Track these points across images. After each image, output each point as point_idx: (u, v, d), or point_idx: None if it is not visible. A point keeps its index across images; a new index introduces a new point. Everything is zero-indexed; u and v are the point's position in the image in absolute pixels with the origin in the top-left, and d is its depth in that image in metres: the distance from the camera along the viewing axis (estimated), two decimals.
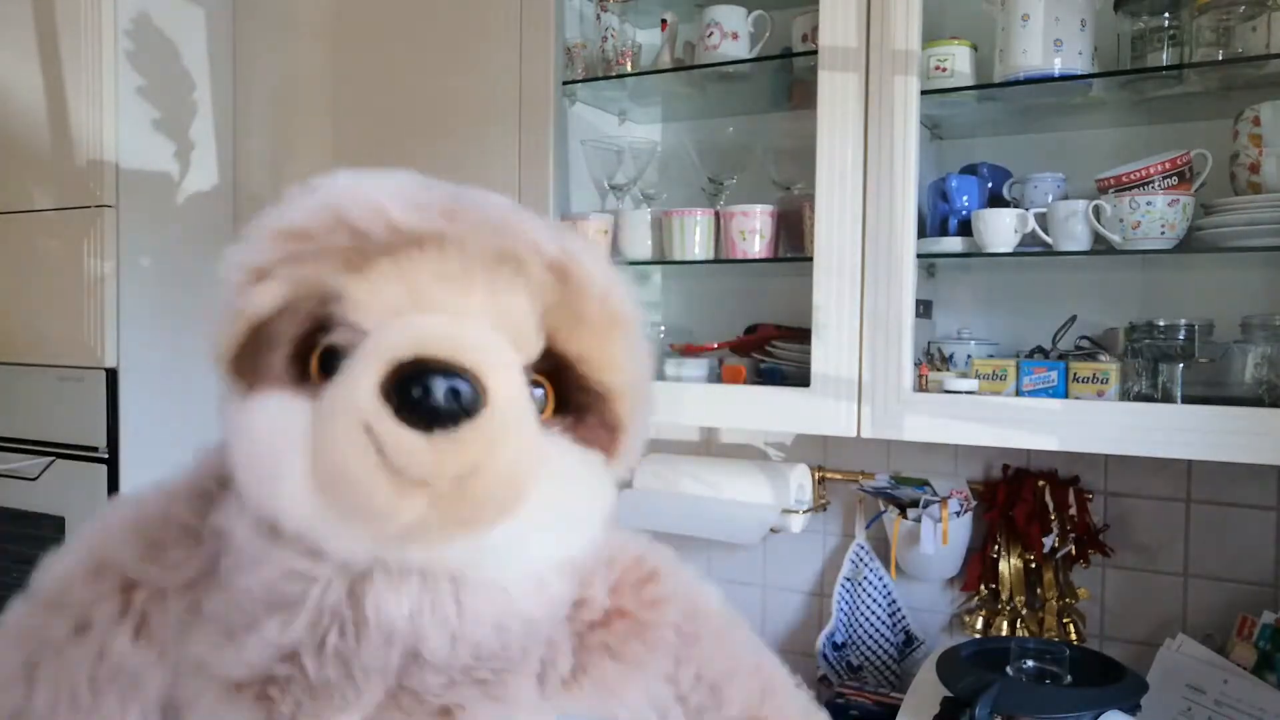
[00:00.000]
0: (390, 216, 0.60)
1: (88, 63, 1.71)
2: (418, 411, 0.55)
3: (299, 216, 0.62)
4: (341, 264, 0.60)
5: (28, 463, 1.78)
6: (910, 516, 1.49)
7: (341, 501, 0.58)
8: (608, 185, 1.66)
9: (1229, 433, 1.15)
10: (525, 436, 0.60)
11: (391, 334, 0.57)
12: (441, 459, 0.55)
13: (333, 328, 0.60)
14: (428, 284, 0.59)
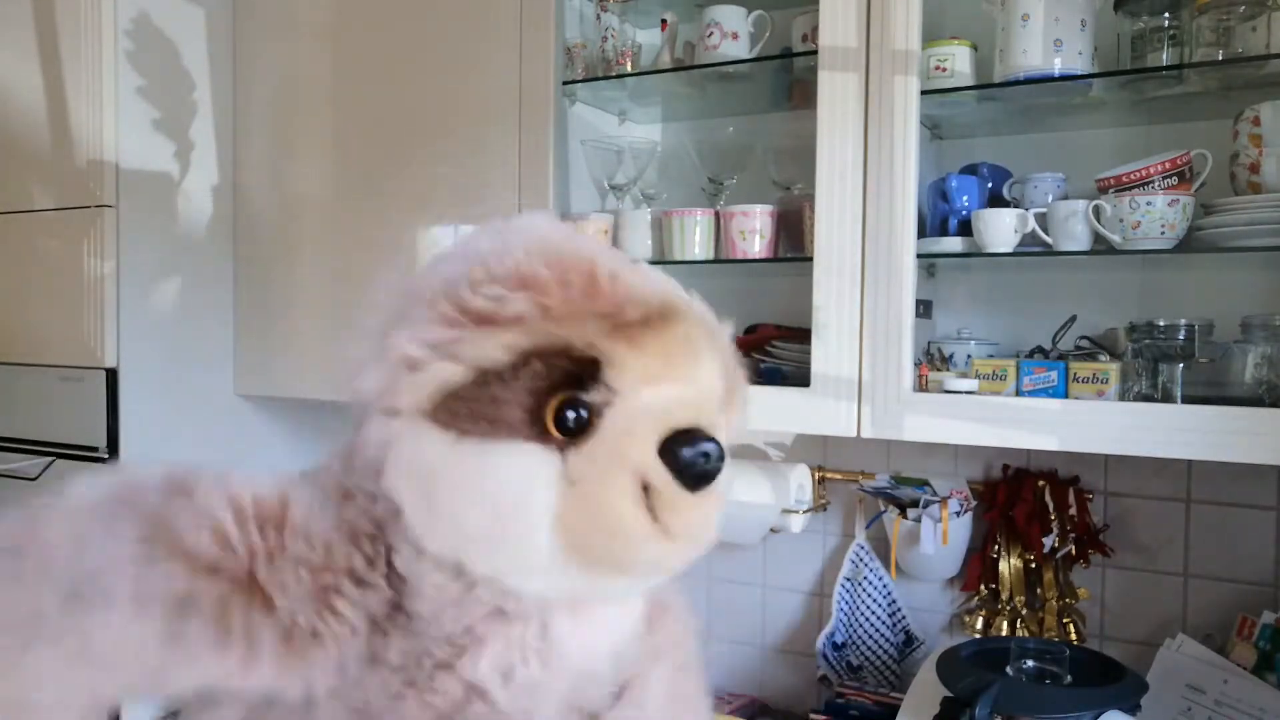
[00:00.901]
0: (631, 287, 0.64)
1: (88, 63, 1.71)
2: (693, 475, 0.61)
3: (539, 269, 0.63)
4: (606, 329, 0.62)
5: (28, 463, 1.78)
6: (910, 516, 1.49)
7: (602, 555, 0.62)
8: (608, 185, 1.66)
9: (1229, 433, 1.15)
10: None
11: (663, 401, 0.63)
12: (702, 517, 0.62)
13: (586, 385, 0.62)
14: (678, 356, 0.64)
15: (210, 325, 1.88)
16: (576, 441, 0.61)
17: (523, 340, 0.61)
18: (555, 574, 0.62)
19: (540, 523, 0.60)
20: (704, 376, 0.66)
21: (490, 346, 0.61)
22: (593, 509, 0.60)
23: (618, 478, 0.60)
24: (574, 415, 0.61)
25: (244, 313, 1.91)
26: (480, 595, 0.64)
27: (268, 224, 1.88)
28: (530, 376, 0.61)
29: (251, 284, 1.90)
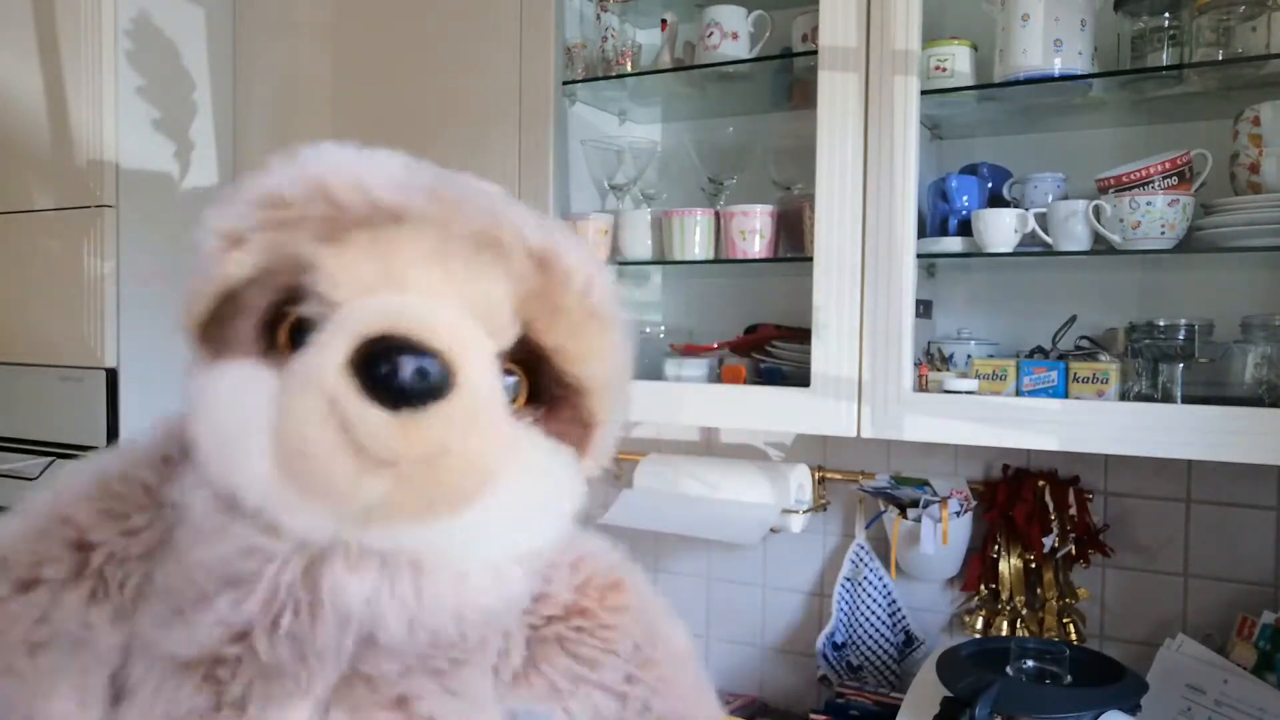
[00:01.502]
0: (371, 191, 0.59)
1: (88, 63, 1.71)
2: (385, 389, 0.54)
3: (278, 183, 0.62)
4: (318, 234, 0.59)
5: (28, 463, 1.78)
6: (910, 516, 1.49)
7: (302, 476, 0.56)
8: (608, 185, 1.66)
9: (1229, 433, 1.15)
10: (495, 423, 0.59)
11: (361, 309, 0.56)
12: (407, 439, 0.54)
13: (304, 299, 0.59)
14: (403, 262, 0.58)
15: None
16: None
17: (255, 256, 0.59)
18: (287, 503, 0.58)
19: (252, 441, 0.56)
20: (452, 290, 0.58)
21: (227, 264, 0.60)
22: (286, 430, 0.55)
23: (303, 392, 0.55)
24: (301, 333, 0.58)
25: None
26: (237, 528, 0.60)
27: None
28: (256, 292, 0.60)
29: None
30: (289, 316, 0.60)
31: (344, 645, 0.61)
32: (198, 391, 0.61)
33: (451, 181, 0.64)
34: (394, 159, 0.65)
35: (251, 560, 0.60)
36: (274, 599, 0.60)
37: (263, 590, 0.59)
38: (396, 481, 0.55)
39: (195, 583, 0.61)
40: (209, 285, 0.61)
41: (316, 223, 0.59)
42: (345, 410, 0.54)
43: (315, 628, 0.60)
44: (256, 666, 0.61)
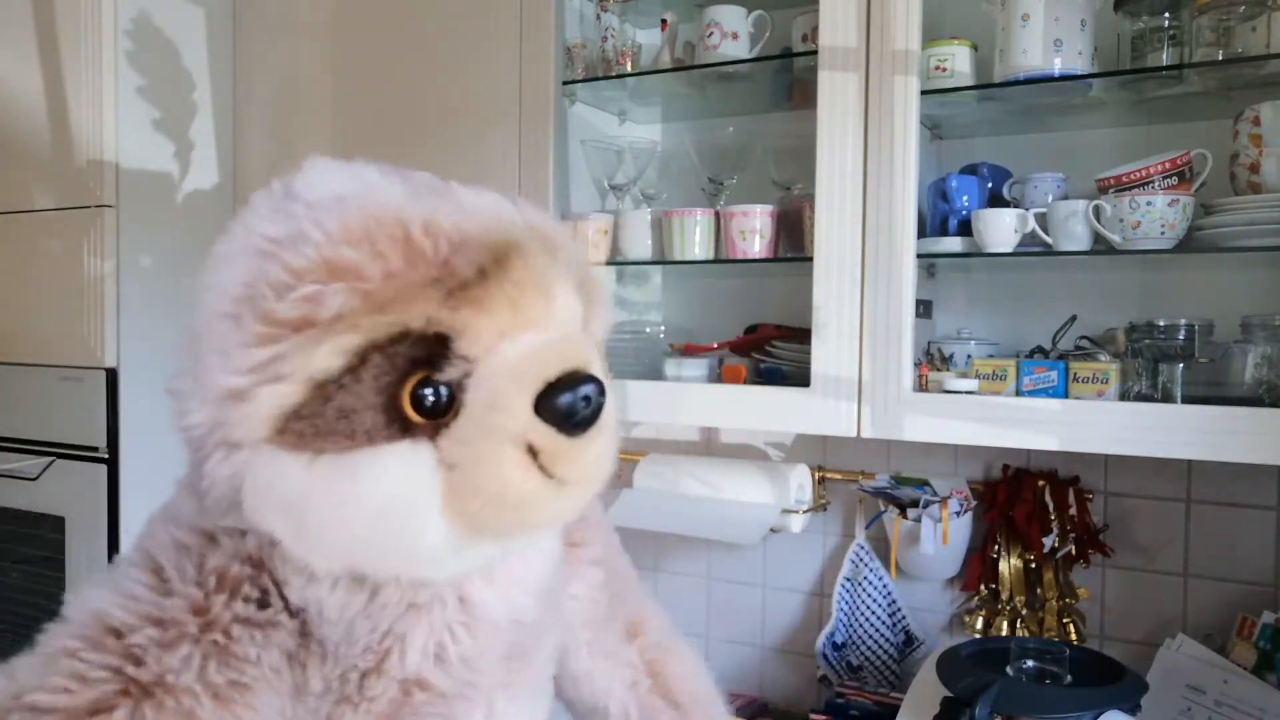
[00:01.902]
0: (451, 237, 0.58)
1: (88, 63, 1.71)
2: (575, 421, 0.59)
3: (343, 249, 0.56)
4: (442, 298, 0.56)
5: (28, 463, 1.78)
6: (910, 516, 1.49)
7: (506, 524, 0.59)
8: (608, 185, 1.66)
9: (1229, 433, 1.15)
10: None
11: (524, 357, 0.58)
12: (594, 457, 0.61)
13: (439, 365, 0.57)
14: (527, 300, 0.59)
15: None
16: (444, 422, 0.57)
17: (353, 338, 0.55)
18: (458, 557, 0.61)
19: (427, 518, 0.57)
20: (560, 308, 0.61)
21: (319, 356, 0.54)
22: (481, 487, 0.57)
23: (498, 450, 0.57)
24: (433, 396, 0.56)
25: None
26: (388, 598, 0.62)
27: None
28: (374, 375, 0.55)
29: None
30: (407, 384, 0.57)
31: (503, 641, 0.68)
32: (310, 489, 0.56)
33: (456, 193, 0.65)
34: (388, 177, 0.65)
35: (414, 615, 0.64)
36: (430, 637, 0.64)
37: (419, 635, 0.64)
38: (579, 496, 0.62)
39: (356, 666, 0.63)
40: (291, 378, 0.55)
41: (426, 289, 0.56)
42: (550, 449, 0.58)
43: (480, 641, 0.66)
44: (440, 699, 0.65)
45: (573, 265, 0.64)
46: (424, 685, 0.64)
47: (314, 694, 0.63)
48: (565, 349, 0.60)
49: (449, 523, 0.57)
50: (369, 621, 0.62)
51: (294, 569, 0.61)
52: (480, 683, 0.66)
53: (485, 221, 0.61)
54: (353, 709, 0.63)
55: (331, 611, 0.61)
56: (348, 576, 0.61)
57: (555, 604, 0.75)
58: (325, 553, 0.59)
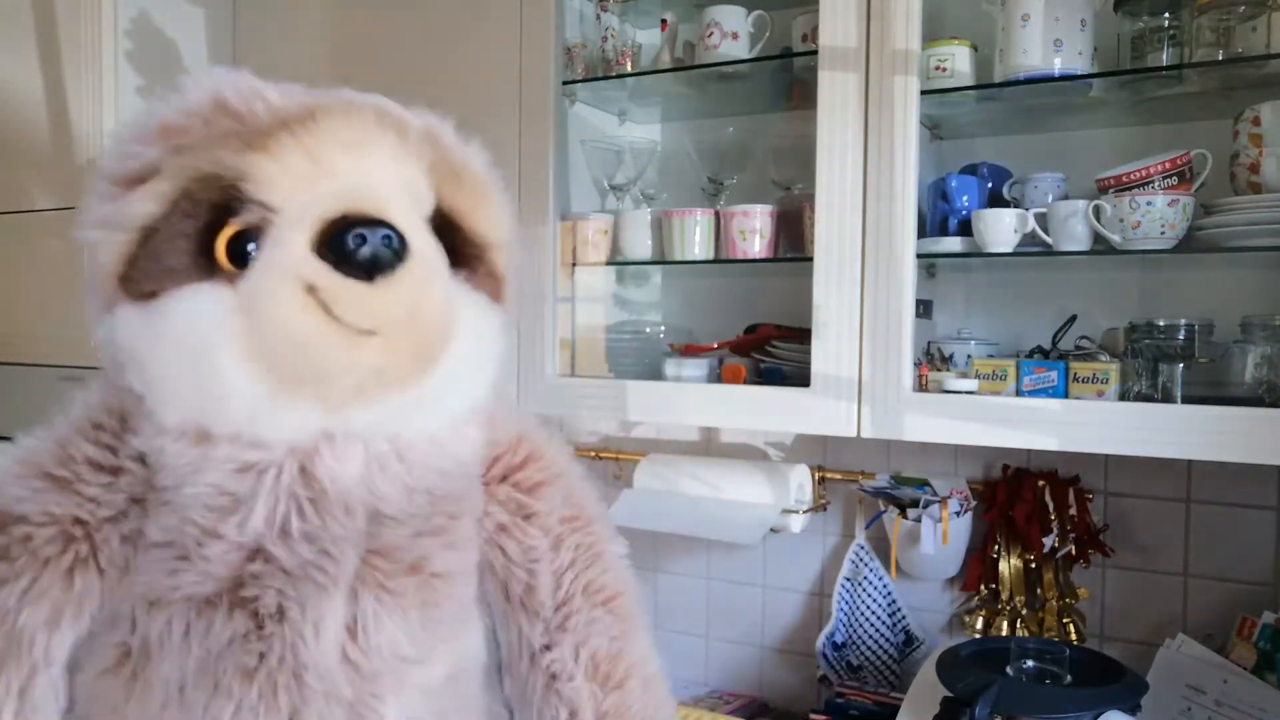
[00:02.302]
0: (269, 98, 0.62)
1: (88, 63, 1.71)
2: (358, 262, 0.57)
3: (173, 114, 0.62)
4: (238, 146, 0.60)
5: None
6: (910, 516, 1.49)
7: (293, 368, 0.59)
8: (608, 185, 1.66)
9: (1229, 433, 1.15)
10: (444, 280, 0.63)
11: (310, 199, 0.59)
12: (387, 305, 0.58)
13: (239, 211, 0.60)
14: (329, 152, 0.61)
15: None
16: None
17: (165, 186, 0.59)
18: (274, 409, 0.60)
19: (224, 357, 0.58)
20: (373, 168, 0.62)
21: (136, 200, 0.60)
22: (262, 324, 0.58)
23: (276, 285, 0.58)
24: (253, 247, 0.59)
25: None
26: (220, 452, 0.62)
27: None
28: (180, 217, 0.60)
29: None
30: (223, 234, 0.60)
31: (356, 527, 0.65)
32: (139, 333, 0.61)
33: (321, 89, 0.67)
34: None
35: (246, 477, 0.62)
36: (275, 507, 0.63)
37: (263, 501, 0.62)
38: (382, 350, 0.59)
39: (193, 521, 0.63)
40: (124, 227, 0.60)
41: (228, 137, 0.60)
42: (326, 290, 0.57)
43: (326, 520, 0.63)
44: (282, 575, 0.63)
45: (429, 152, 0.66)
46: (266, 556, 0.63)
47: (155, 544, 0.64)
48: (353, 193, 0.60)
49: (249, 366, 0.58)
50: (204, 475, 0.63)
51: (148, 420, 0.64)
52: (329, 568, 0.64)
53: (320, 94, 0.65)
54: (190, 565, 0.63)
55: (170, 460, 0.63)
56: (193, 430, 0.62)
57: (447, 516, 0.70)
58: (161, 400, 0.62)
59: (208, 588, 0.63)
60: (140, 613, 0.65)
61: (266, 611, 0.63)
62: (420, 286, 0.60)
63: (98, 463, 0.66)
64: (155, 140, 0.61)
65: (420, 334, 0.61)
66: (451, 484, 0.70)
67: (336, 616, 0.64)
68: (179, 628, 0.63)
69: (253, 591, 0.63)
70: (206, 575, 0.63)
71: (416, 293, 0.60)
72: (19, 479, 0.66)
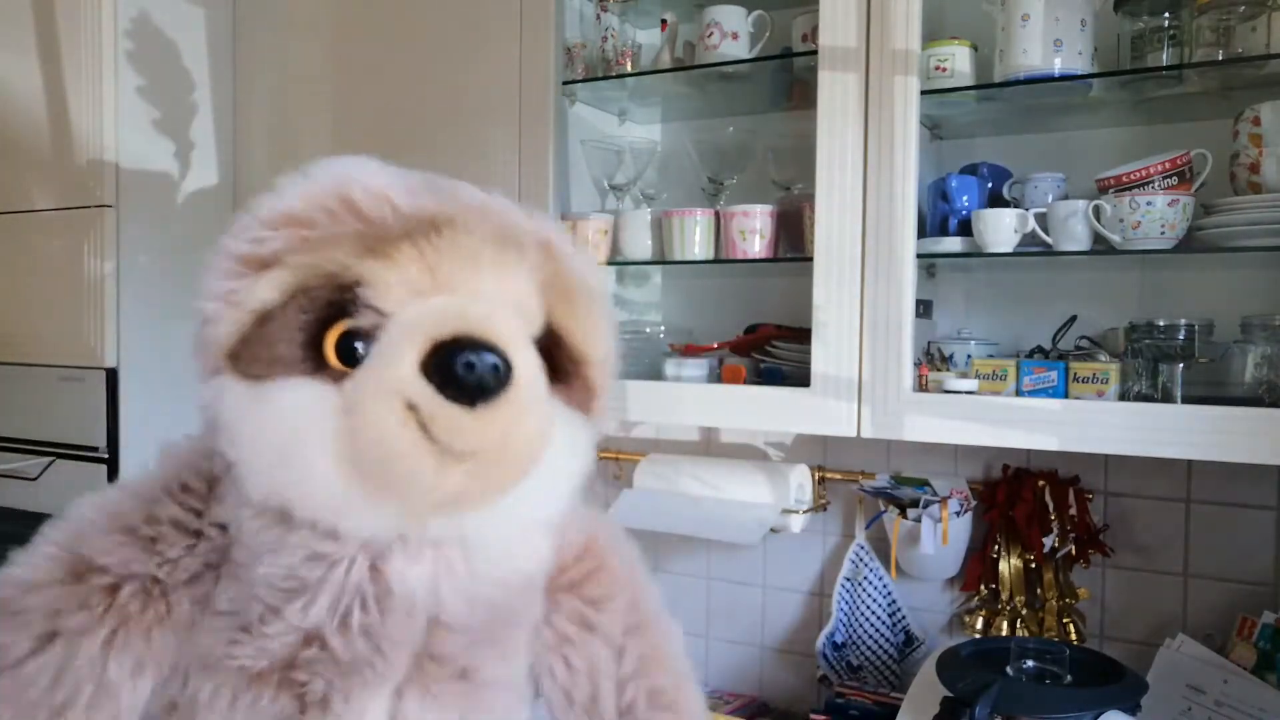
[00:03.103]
0: (396, 202, 0.63)
1: (88, 63, 1.71)
2: (461, 387, 0.58)
3: (301, 204, 0.63)
4: (360, 249, 0.61)
5: (28, 463, 1.78)
6: (910, 516, 1.49)
7: (382, 478, 0.59)
8: (608, 185, 1.66)
9: (1229, 433, 1.15)
10: (543, 404, 0.64)
11: (423, 315, 0.60)
12: (484, 432, 0.59)
13: (352, 312, 0.61)
14: (447, 267, 0.61)
15: None
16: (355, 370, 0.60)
17: (286, 275, 0.61)
18: (356, 508, 0.61)
19: (317, 454, 0.59)
20: (489, 286, 0.63)
21: (259, 287, 0.61)
22: (362, 435, 0.59)
23: (380, 398, 0.58)
24: (360, 346, 0.61)
25: None
26: (296, 538, 0.63)
27: None
28: (297, 310, 0.61)
29: None
30: (333, 331, 0.61)
31: (415, 630, 0.66)
32: (242, 413, 0.62)
33: (442, 184, 0.67)
34: (388, 168, 0.68)
35: (317, 566, 0.63)
36: (340, 598, 0.63)
37: (329, 592, 0.63)
38: (471, 472, 0.60)
39: (259, 598, 0.64)
40: (239, 310, 0.62)
41: (353, 238, 0.61)
42: (426, 410, 0.58)
43: (386, 619, 0.64)
44: (334, 665, 0.64)
45: (544, 267, 0.66)
46: (322, 643, 0.64)
47: (220, 612, 0.66)
48: (467, 312, 0.60)
49: (340, 466, 0.60)
50: (276, 556, 0.64)
51: (235, 491, 0.65)
52: (380, 666, 0.65)
53: (445, 200, 0.64)
54: (249, 639, 0.64)
55: (248, 535, 0.65)
56: (275, 510, 0.64)
57: (505, 627, 0.71)
58: (250, 476, 0.63)
59: (261, 663, 0.64)
60: (194, 672, 0.66)
61: (313, 698, 0.64)
62: (519, 415, 0.60)
63: (182, 525, 0.68)
64: (281, 227, 0.63)
65: (511, 460, 0.62)
66: (514, 597, 0.71)
67: (379, 713, 0.66)
68: (226, 696, 0.65)
69: (303, 676, 0.64)
70: (263, 651, 0.64)
71: (514, 421, 0.60)
72: (105, 532, 0.67)
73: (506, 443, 0.60)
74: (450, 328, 0.59)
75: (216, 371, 0.64)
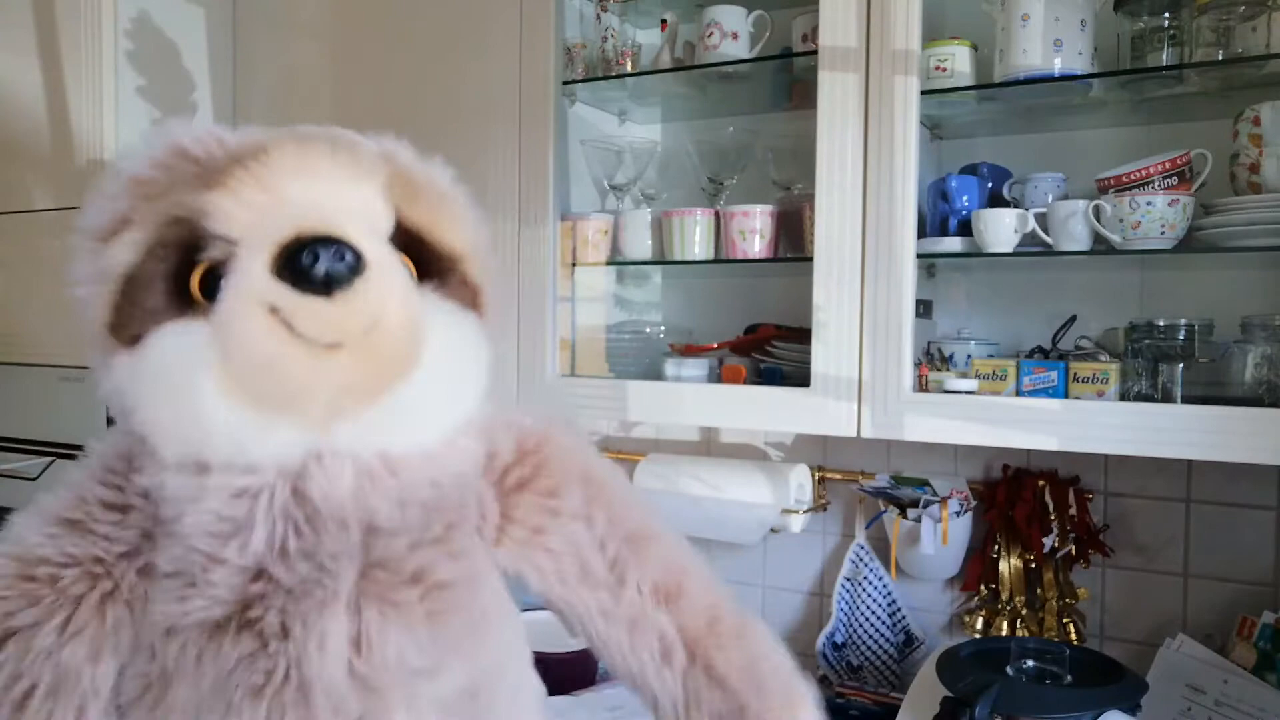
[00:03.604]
0: (224, 139, 0.66)
1: (88, 63, 1.71)
2: (314, 279, 0.59)
3: (138, 165, 0.66)
4: (197, 186, 0.63)
5: (28, 463, 1.78)
6: (910, 516, 1.49)
7: (266, 390, 0.61)
8: (608, 185, 1.66)
9: (1229, 433, 1.15)
10: (409, 291, 0.65)
11: (265, 226, 0.62)
12: (347, 316, 0.60)
13: (207, 249, 0.63)
14: (281, 181, 0.63)
15: None
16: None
17: (138, 234, 0.63)
18: (257, 433, 0.62)
19: (204, 387, 0.60)
20: (326, 190, 0.64)
21: (116, 251, 0.63)
22: (233, 350, 0.60)
23: (241, 311, 0.60)
24: (224, 280, 0.62)
25: None
26: (214, 481, 0.65)
27: None
28: (155, 261, 0.63)
29: None
30: (195, 272, 0.63)
31: (352, 541, 0.66)
32: (130, 376, 0.64)
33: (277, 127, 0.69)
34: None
35: (241, 502, 0.65)
36: (273, 528, 0.65)
37: (261, 524, 0.65)
38: (349, 363, 0.61)
39: (196, 548, 0.65)
40: (107, 278, 0.64)
41: (191, 179, 0.64)
42: (286, 308, 0.59)
43: (321, 536, 0.65)
44: (283, 594, 0.65)
45: (383, 170, 0.68)
46: (268, 577, 0.65)
47: (166, 574, 0.67)
48: (304, 214, 0.62)
49: (228, 395, 0.61)
50: (202, 503, 0.65)
51: (151, 459, 0.67)
52: (329, 584, 0.65)
53: (274, 130, 0.67)
54: (197, 591, 0.65)
55: (170, 491, 0.66)
56: (191, 463, 0.65)
57: (446, 526, 0.71)
58: (158, 437, 0.65)
59: (216, 612, 0.65)
60: (159, 643, 0.67)
61: (271, 630, 0.64)
62: (380, 297, 0.62)
63: (108, 502, 0.69)
64: (125, 193, 0.65)
65: (385, 344, 0.62)
66: (446, 494, 0.71)
67: (340, 631, 0.65)
68: (192, 653, 0.65)
69: (257, 612, 0.65)
70: (214, 600, 0.65)
71: (376, 303, 0.61)
72: (37, 527, 0.69)
73: (375, 325, 0.61)
74: (290, 229, 0.61)
75: (106, 353, 0.66)
